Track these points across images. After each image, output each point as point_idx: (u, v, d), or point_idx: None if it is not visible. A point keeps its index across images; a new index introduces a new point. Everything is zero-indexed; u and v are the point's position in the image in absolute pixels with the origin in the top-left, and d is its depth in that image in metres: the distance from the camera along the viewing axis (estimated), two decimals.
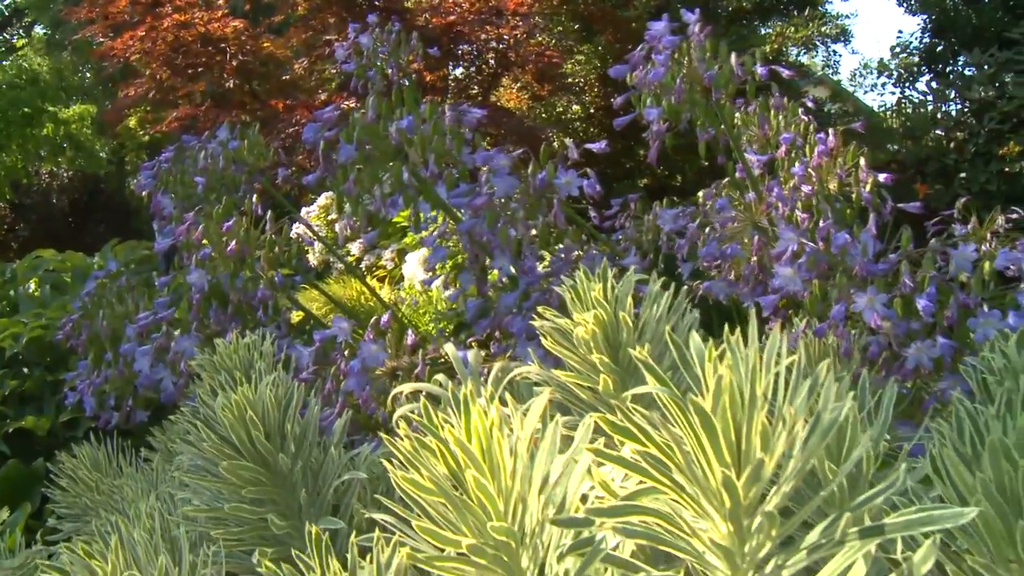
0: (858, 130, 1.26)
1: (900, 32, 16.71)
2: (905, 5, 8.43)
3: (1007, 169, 6.30)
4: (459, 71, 6.04)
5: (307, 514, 0.79)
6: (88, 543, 0.71)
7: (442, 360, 1.01)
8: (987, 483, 0.54)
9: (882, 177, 1.19)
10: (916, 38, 8.80)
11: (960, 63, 8.24)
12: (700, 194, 1.31)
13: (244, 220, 1.36)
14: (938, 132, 7.18)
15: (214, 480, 0.80)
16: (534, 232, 1.11)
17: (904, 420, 0.92)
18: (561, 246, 1.17)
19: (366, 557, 0.53)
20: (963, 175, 6.59)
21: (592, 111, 6.27)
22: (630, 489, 0.51)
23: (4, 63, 11.19)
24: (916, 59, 9.02)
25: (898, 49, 9.18)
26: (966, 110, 6.98)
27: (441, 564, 0.51)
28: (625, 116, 1.20)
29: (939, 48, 8.40)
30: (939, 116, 7.55)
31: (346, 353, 1.04)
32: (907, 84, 9.01)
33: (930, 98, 8.17)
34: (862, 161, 1.20)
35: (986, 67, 6.68)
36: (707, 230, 1.16)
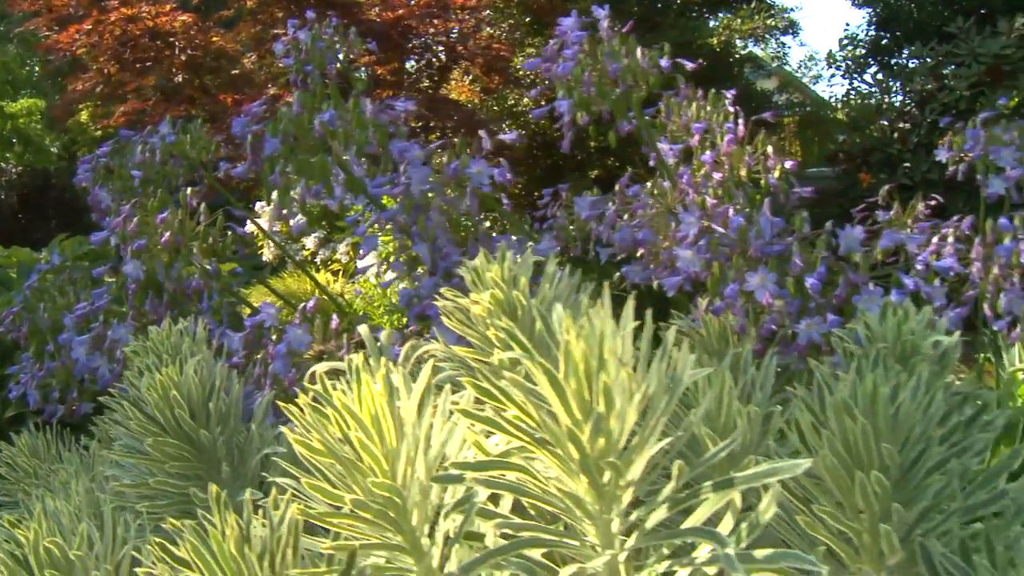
0: (768, 119, 1.32)
1: (847, 25, 17.01)
2: None
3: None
4: (409, 65, 6.07)
5: (230, 487, 0.83)
6: (19, 519, 0.75)
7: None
8: (832, 439, 0.60)
9: (788, 164, 1.26)
10: (862, 31, 8.96)
11: (904, 56, 8.39)
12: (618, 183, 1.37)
13: (180, 212, 1.39)
14: (883, 123, 7.32)
15: (141, 457, 0.84)
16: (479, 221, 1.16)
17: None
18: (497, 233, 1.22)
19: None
20: (907, 165, 6.73)
21: (543, 103, 6.31)
22: (505, 449, 0.56)
23: None
24: (862, 51, 9.16)
25: (845, 41, 9.33)
26: (908, 102, 7.13)
27: (332, 520, 0.56)
28: (543, 108, 1.25)
29: (884, 41, 8.55)
30: (884, 107, 7.71)
31: (274, 338, 1.08)
32: (854, 76, 9.15)
33: (875, 90, 8.33)
34: (770, 149, 1.26)
35: (928, 60, 6.83)
36: (625, 216, 1.22)
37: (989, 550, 0.58)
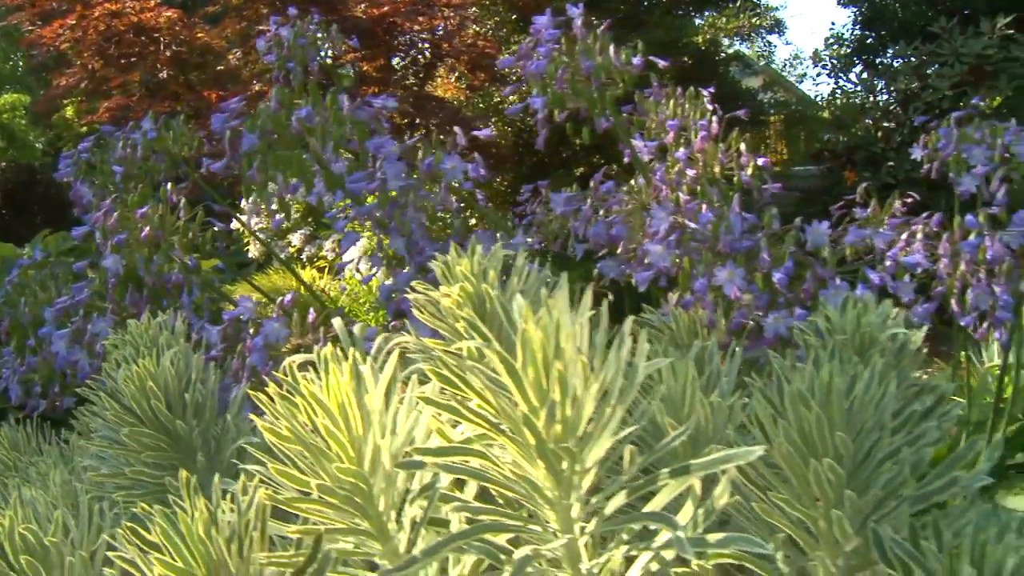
0: (743, 117, 1.34)
1: (832, 24, 17.11)
2: None
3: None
4: (395, 61, 6.08)
5: (205, 476, 0.84)
6: None
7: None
8: (788, 428, 0.62)
9: (761, 161, 1.28)
10: (848, 30, 9.01)
11: (889, 55, 8.45)
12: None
13: (161, 207, 1.40)
14: (867, 122, 7.37)
15: (117, 447, 0.85)
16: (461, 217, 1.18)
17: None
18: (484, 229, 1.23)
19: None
20: (890, 163, 6.78)
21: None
22: (468, 436, 0.58)
23: None
24: (848, 50, 9.21)
25: (831, 40, 9.37)
26: (893, 101, 7.18)
27: (300, 505, 0.57)
28: (517, 105, 1.27)
29: (869, 40, 8.61)
30: (868, 106, 7.76)
31: (252, 331, 1.10)
32: (840, 75, 9.20)
33: (860, 89, 8.38)
34: (743, 146, 1.28)
35: (912, 59, 6.88)
36: (601, 212, 1.24)
37: (937, 535, 0.60)
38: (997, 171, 1.17)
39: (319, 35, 1.64)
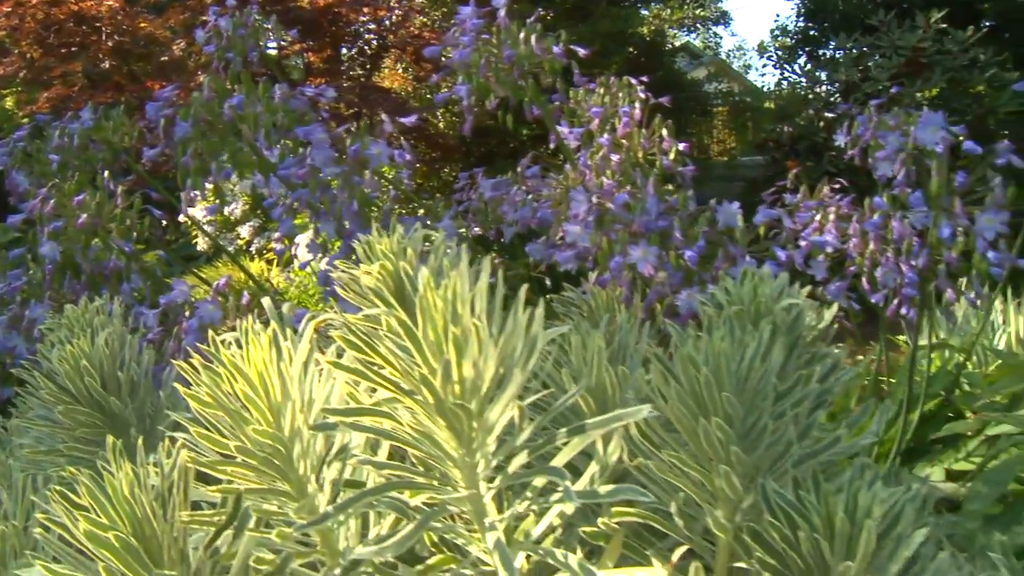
0: (665, 103, 1.39)
1: (777, 16, 17.35)
2: None
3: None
4: (344, 52, 6.08)
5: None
6: None
7: None
8: (680, 390, 0.67)
9: (681, 146, 1.33)
10: (792, 22, 9.16)
11: (831, 46, 8.60)
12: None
13: (99, 195, 1.42)
14: (810, 112, 7.51)
15: (52, 425, 0.88)
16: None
17: None
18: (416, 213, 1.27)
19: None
20: (832, 152, 6.91)
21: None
22: (378, 399, 0.62)
23: None
24: (792, 42, 9.35)
25: (777, 32, 9.52)
26: (835, 91, 7.33)
27: (221, 467, 0.61)
28: (444, 93, 1.31)
29: (812, 32, 8.75)
30: (811, 97, 7.90)
31: (187, 314, 1.12)
32: (785, 66, 9.34)
33: (804, 79, 8.53)
34: (664, 132, 1.33)
35: (852, 51, 7.02)
36: (530, 196, 1.29)
37: (816, 487, 0.65)
38: (899, 154, 1.23)
39: (263, 25, 1.67)
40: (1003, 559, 0.60)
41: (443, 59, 1.42)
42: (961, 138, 1.27)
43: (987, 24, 6.82)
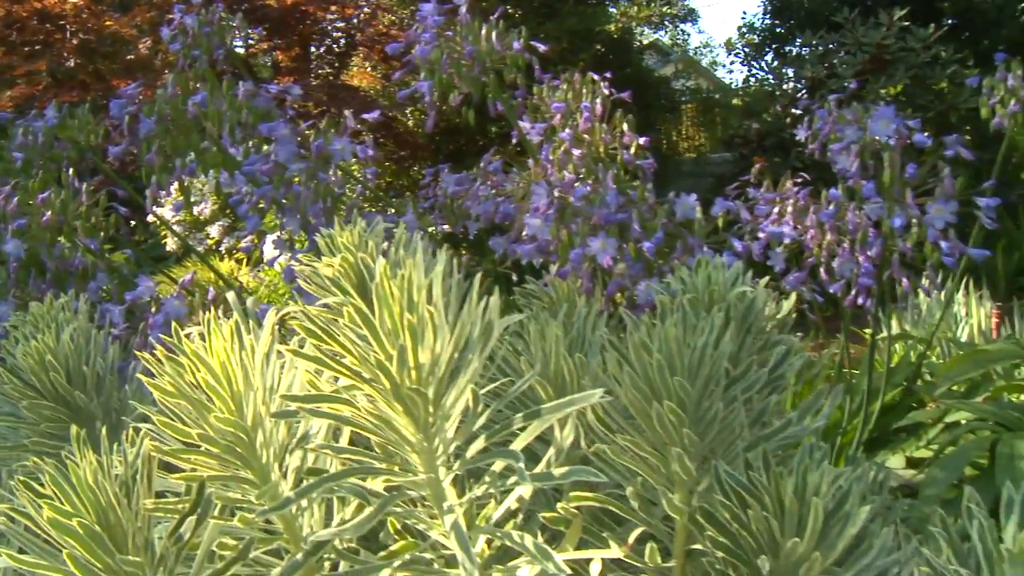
0: (627, 99, 1.42)
1: (744, 13, 17.47)
2: None
3: None
4: (312, 51, 6.07)
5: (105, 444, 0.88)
6: None
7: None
8: (633, 375, 0.69)
9: (642, 140, 1.36)
10: (759, 19, 9.23)
11: (797, 43, 8.67)
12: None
13: (63, 192, 1.42)
14: (777, 108, 7.58)
15: (17, 421, 0.89)
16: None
17: None
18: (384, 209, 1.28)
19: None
20: (799, 148, 6.95)
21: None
22: (338, 387, 0.63)
23: None
24: (759, 39, 9.42)
25: (744, 29, 9.59)
26: (801, 88, 7.40)
27: (185, 456, 0.62)
28: (406, 90, 1.33)
29: (779, 29, 8.82)
30: (778, 93, 7.98)
31: (153, 310, 1.13)
32: (752, 63, 9.41)
33: (771, 76, 8.61)
34: (625, 127, 1.35)
35: (818, 48, 7.10)
36: (493, 191, 1.30)
37: (767, 467, 0.67)
38: (854, 147, 1.26)
39: (229, 23, 1.67)
40: (944, 533, 0.62)
41: (406, 56, 1.44)
42: (914, 131, 1.30)
43: (948, 22, 6.92)
